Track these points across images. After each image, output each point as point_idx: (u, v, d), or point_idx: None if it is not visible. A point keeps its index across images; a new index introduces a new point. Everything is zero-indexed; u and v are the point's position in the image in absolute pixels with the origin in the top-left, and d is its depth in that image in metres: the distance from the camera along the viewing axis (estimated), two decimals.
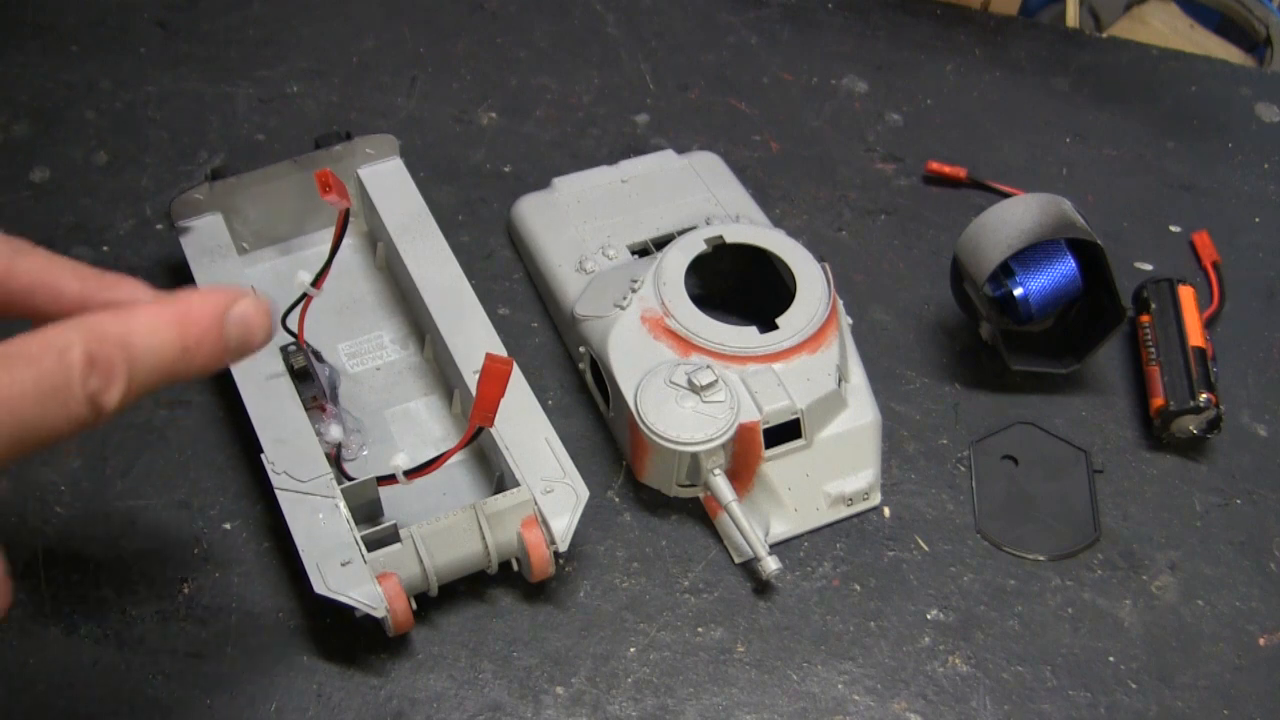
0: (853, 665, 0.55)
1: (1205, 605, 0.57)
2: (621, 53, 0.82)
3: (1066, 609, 0.57)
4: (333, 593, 0.50)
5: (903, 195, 0.75)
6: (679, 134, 0.77)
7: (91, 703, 0.52)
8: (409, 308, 0.65)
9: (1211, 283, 0.70)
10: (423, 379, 0.63)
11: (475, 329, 0.60)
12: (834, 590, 0.57)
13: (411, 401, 0.62)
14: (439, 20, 0.83)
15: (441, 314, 0.60)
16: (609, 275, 0.63)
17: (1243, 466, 0.63)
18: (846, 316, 0.62)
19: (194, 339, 0.36)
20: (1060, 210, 0.62)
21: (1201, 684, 0.55)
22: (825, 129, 0.78)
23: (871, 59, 0.83)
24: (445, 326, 0.60)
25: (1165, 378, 0.62)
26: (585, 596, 0.56)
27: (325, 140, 0.65)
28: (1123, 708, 0.54)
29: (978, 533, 0.59)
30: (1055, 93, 0.82)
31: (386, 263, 0.67)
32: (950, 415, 0.64)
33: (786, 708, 0.53)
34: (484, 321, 0.60)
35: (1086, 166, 0.77)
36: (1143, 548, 0.59)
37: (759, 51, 0.83)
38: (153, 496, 0.58)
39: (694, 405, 0.55)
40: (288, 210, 0.66)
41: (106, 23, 0.81)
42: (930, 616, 0.56)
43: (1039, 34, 0.86)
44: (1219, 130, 0.80)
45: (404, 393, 0.62)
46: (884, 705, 0.53)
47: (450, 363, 0.59)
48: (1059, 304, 0.64)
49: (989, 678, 0.54)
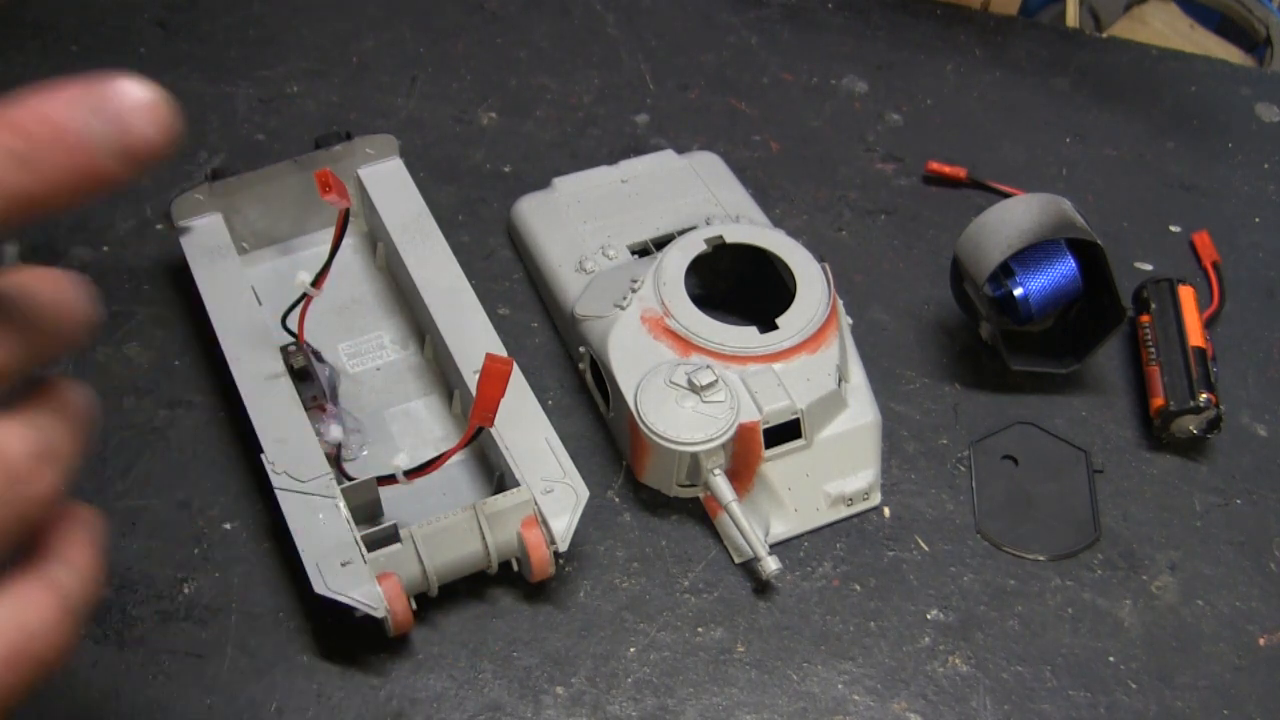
0: (853, 665, 0.55)
1: (1205, 605, 0.57)
2: (621, 53, 0.82)
3: (1066, 609, 0.57)
4: (333, 593, 0.50)
5: (903, 195, 0.75)
6: (679, 134, 0.77)
7: (91, 703, 0.52)
8: (409, 308, 0.65)
9: (1211, 283, 0.70)
10: (422, 379, 0.63)
11: (475, 329, 0.60)
12: (834, 590, 0.57)
13: (411, 402, 0.62)
14: (439, 20, 0.83)
15: (441, 314, 0.60)
16: (609, 275, 0.63)
17: (1243, 466, 0.63)
18: (846, 316, 0.62)
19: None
20: (1060, 210, 0.62)
21: (1201, 684, 0.55)
22: (825, 129, 0.78)
23: (871, 59, 0.83)
24: (445, 326, 0.60)
25: (1165, 378, 0.62)
26: (585, 596, 0.56)
27: (325, 140, 0.65)
28: (1123, 708, 0.54)
29: (978, 533, 0.59)
30: (1055, 93, 0.82)
31: (386, 263, 0.67)
32: (950, 415, 0.64)
33: (786, 708, 0.53)
34: (484, 322, 0.60)
35: (1086, 166, 0.77)
36: (1143, 548, 0.59)
37: (759, 51, 0.83)
38: (153, 496, 0.58)
39: (694, 405, 0.55)
40: (288, 210, 0.66)
41: (106, 23, 0.81)
42: (930, 616, 0.56)
43: (1039, 34, 0.86)
44: (1219, 130, 0.80)
45: (404, 393, 0.62)
46: (884, 705, 0.53)
47: (450, 363, 0.59)
48: (1059, 304, 0.64)
49: (989, 678, 0.54)
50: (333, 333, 0.64)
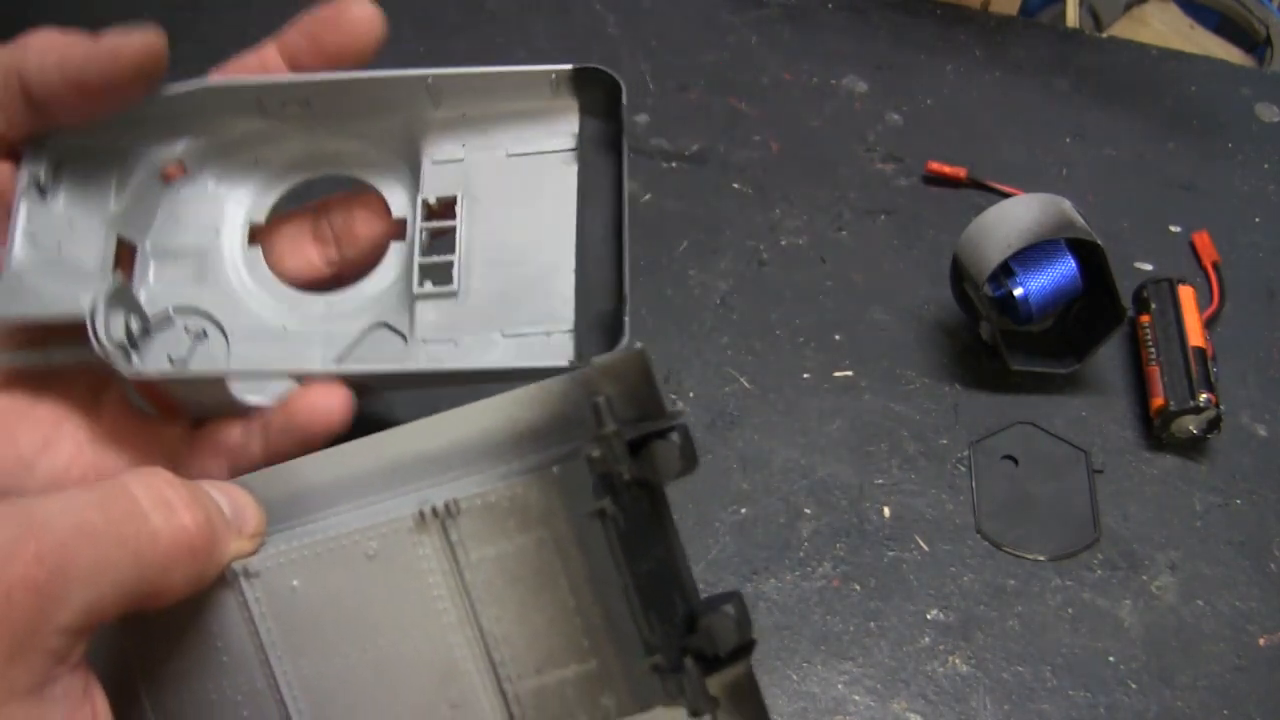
0: (853, 665, 0.55)
1: (1205, 605, 0.57)
2: (621, 53, 0.82)
3: (1066, 609, 0.57)
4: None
5: (903, 195, 0.75)
6: (679, 134, 0.77)
7: None
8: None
9: (1211, 283, 0.70)
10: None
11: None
12: (834, 590, 0.57)
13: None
14: (439, 20, 0.83)
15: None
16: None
17: (1243, 466, 0.63)
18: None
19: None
20: (1060, 210, 0.61)
21: (1201, 684, 0.55)
22: (825, 129, 0.78)
23: (871, 59, 0.83)
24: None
25: (1165, 378, 0.62)
26: None
27: None
28: (1123, 708, 0.54)
29: (978, 533, 0.59)
30: (1055, 93, 0.82)
31: None
32: (950, 415, 0.64)
33: (786, 708, 0.53)
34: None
35: (1086, 166, 0.77)
36: (1143, 548, 0.59)
37: (759, 51, 0.83)
38: None
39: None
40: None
41: (106, 23, 0.80)
42: (930, 616, 0.56)
43: (1039, 34, 0.86)
44: (1219, 130, 0.80)
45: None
46: (884, 705, 0.53)
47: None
48: (1059, 304, 0.64)
49: (989, 678, 0.54)
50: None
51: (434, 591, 0.36)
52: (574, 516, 0.35)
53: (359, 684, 0.36)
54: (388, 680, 0.36)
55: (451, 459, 0.37)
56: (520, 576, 0.36)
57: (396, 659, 0.36)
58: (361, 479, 0.38)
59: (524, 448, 0.37)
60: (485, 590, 0.36)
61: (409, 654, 0.36)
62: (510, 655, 0.36)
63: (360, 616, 0.37)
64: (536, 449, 0.37)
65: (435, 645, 0.36)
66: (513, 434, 0.37)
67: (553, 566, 0.35)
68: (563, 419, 0.37)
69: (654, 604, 0.35)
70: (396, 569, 0.36)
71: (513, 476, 0.36)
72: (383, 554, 0.36)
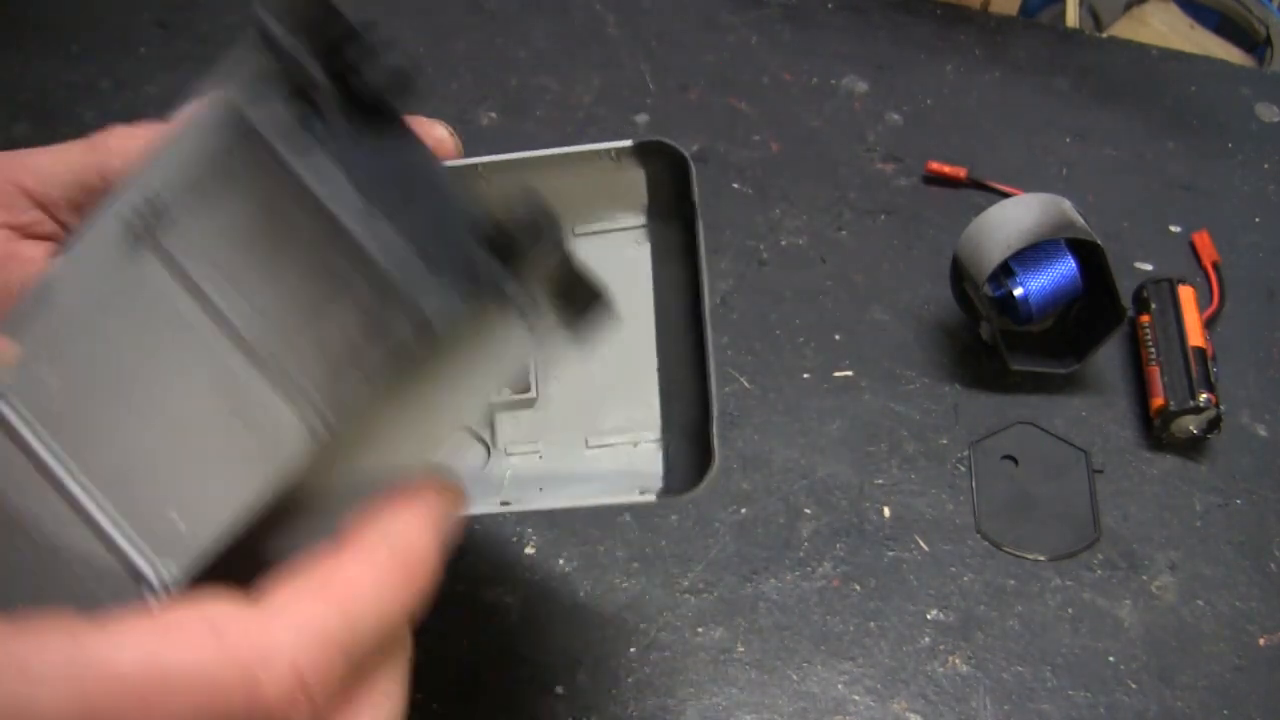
0: (853, 665, 0.55)
1: (1205, 605, 0.57)
2: (621, 53, 0.82)
3: (1066, 609, 0.57)
4: None
5: (903, 195, 0.75)
6: (679, 134, 0.77)
7: None
8: None
9: (1211, 283, 0.70)
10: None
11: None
12: (834, 590, 0.57)
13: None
14: (439, 20, 0.83)
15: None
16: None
17: (1243, 466, 0.63)
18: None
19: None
20: (1060, 210, 0.62)
21: (1201, 684, 0.55)
22: (825, 129, 0.78)
23: (871, 59, 0.83)
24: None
25: (1165, 378, 0.62)
26: (585, 596, 0.56)
27: None
28: (1123, 708, 0.54)
29: (978, 533, 0.59)
30: (1055, 93, 0.82)
31: None
32: (950, 415, 0.64)
33: (786, 708, 0.53)
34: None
35: (1086, 166, 0.77)
36: (1143, 548, 0.59)
37: (759, 51, 0.83)
38: None
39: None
40: None
41: (106, 23, 0.81)
42: (930, 616, 0.56)
43: (1039, 34, 0.86)
44: (1219, 130, 0.80)
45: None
46: (884, 705, 0.54)
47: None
48: (1059, 304, 0.64)
49: (989, 678, 0.55)
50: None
51: (174, 306, 0.31)
52: (284, 156, 0.29)
53: (150, 447, 0.32)
54: (174, 426, 0.32)
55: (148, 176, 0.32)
56: (252, 249, 0.30)
57: (172, 400, 0.32)
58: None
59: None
60: (222, 282, 0.31)
61: (181, 388, 0.32)
62: (277, 341, 0.31)
63: (122, 375, 0.32)
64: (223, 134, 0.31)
65: (200, 364, 0.31)
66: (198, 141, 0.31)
67: (283, 224, 0.30)
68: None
69: (417, 223, 0.30)
70: (129, 301, 0.32)
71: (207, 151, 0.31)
72: (108, 290, 0.32)
